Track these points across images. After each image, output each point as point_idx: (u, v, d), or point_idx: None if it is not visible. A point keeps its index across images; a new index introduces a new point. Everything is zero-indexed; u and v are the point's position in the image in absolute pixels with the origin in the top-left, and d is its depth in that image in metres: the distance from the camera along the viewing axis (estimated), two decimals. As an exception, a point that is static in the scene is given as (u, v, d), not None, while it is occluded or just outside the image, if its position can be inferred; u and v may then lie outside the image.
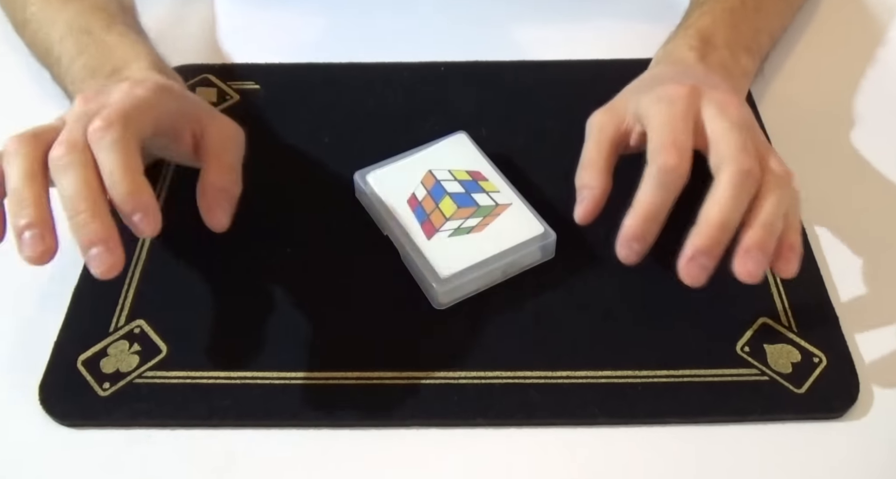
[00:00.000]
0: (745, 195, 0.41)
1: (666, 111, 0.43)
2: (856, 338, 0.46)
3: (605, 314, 0.47)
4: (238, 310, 0.47)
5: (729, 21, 0.54)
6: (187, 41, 0.53)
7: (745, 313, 0.47)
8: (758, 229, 0.41)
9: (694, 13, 0.56)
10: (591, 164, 0.46)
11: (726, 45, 0.52)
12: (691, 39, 0.52)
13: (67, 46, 0.52)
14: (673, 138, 0.42)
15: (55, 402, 0.43)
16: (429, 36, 0.65)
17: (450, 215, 0.48)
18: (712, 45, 0.51)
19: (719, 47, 0.51)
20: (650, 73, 0.52)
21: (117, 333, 0.46)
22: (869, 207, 0.53)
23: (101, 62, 0.51)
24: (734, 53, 0.52)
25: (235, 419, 0.43)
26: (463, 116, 0.57)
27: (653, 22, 0.66)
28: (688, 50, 0.51)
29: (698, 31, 0.53)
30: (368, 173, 0.51)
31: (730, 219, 0.40)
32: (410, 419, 0.43)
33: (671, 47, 0.53)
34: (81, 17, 0.53)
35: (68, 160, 0.40)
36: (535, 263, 0.49)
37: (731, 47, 0.52)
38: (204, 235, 0.51)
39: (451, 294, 0.47)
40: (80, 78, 0.51)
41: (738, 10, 0.55)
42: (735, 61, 0.52)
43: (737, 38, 0.53)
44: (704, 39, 0.52)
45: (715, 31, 0.53)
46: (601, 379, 0.44)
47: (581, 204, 0.45)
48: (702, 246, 0.40)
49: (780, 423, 0.43)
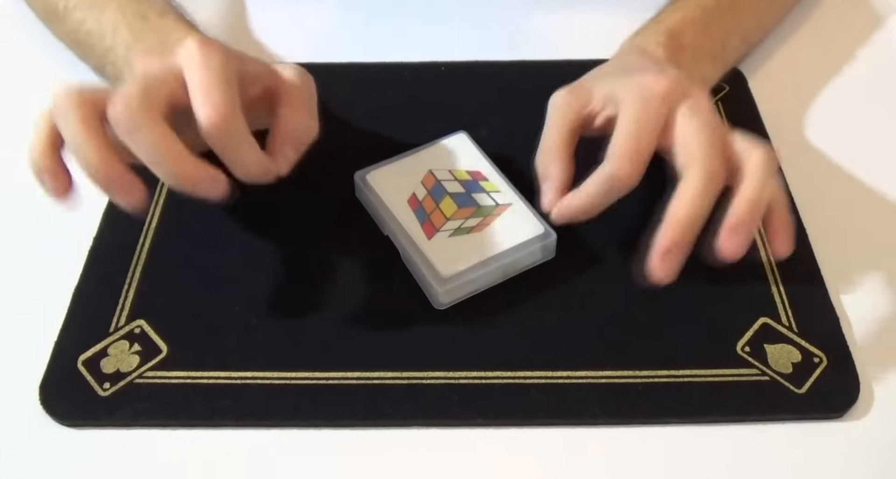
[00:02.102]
0: (710, 196, 0.42)
1: (642, 106, 0.44)
2: (856, 338, 0.46)
3: (605, 314, 0.47)
4: (238, 310, 0.47)
5: (700, 20, 0.53)
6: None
7: (745, 313, 0.47)
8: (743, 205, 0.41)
9: (668, 8, 0.55)
10: (551, 149, 0.46)
11: (692, 47, 0.52)
12: (659, 36, 0.51)
13: (122, 36, 0.51)
14: (636, 147, 0.43)
15: (55, 402, 0.43)
16: (429, 36, 0.65)
17: (450, 215, 0.48)
18: (679, 43, 0.51)
19: (686, 48, 0.51)
20: (620, 62, 0.51)
21: (117, 333, 0.46)
22: (869, 206, 0.53)
23: (161, 49, 0.49)
24: (697, 57, 0.52)
25: (235, 419, 0.43)
26: (463, 116, 0.57)
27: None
28: (655, 45, 0.51)
29: (667, 28, 0.52)
30: (368, 173, 0.51)
31: (696, 216, 0.41)
32: (410, 418, 0.43)
33: (639, 40, 0.52)
34: (134, 4, 0.52)
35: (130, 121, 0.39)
36: (536, 263, 0.49)
37: (696, 50, 0.52)
38: (204, 235, 0.51)
39: (451, 294, 0.47)
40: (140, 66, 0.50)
41: (711, 9, 0.54)
42: (696, 65, 0.51)
43: (703, 41, 0.53)
44: (672, 36, 0.51)
45: (684, 30, 0.52)
46: (601, 379, 0.44)
47: (545, 195, 0.46)
48: (669, 243, 0.41)
49: (780, 423, 0.43)
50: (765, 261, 0.49)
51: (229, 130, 0.40)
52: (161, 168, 0.39)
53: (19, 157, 0.56)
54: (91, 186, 0.40)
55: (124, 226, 0.51)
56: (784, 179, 0.53)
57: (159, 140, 0.39)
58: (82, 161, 0.39)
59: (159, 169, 0.40)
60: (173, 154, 0.39)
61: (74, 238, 0.50)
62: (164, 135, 0.39)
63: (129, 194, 0.40)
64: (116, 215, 0.51)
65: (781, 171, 0.46)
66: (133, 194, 0.40)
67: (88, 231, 0.51)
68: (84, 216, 0.51)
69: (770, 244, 0.44)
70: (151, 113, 0.39)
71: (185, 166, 0.39)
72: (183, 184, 0.40)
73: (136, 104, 0.39)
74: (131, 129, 0.39)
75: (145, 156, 0.39)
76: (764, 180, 0.42)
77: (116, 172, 0.39)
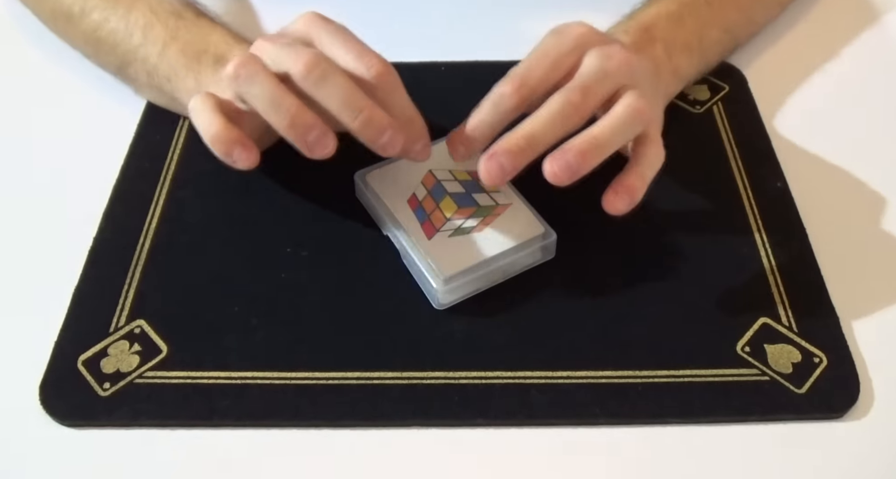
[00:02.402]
0: (559, 122, 0.43)
1: (547, 41, 0.45)
2: (856, 338, 0.46)
3: (605, 314, 0.47)
4: (238, 310, 0.47)
5: (675, 13, 0.53)
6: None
7: (745, 313, 0.47)
8: (582, 137, 0.43)
9: (642, 4, 0.55)
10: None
11: (663, 40, 0.51)
12: (629, 29, 0.51)
13: (157, 32, 0.51)
14: (524, 70, 0.44)
15: (55, 402, 0.43)
16: (429, 36, 0.65)
17: (450, 215, 0.48)
18: (650, 36, 0.51)
19: (656, 40, 0.51)
20: None
21: (117, 333, 0.46)
22: (869, 206, 0.53)
23: (203, 47, 0.50)
24: (669, 49, 0.51)
25: (235, 419, 0.43)
26: (463, 116, 0.57)
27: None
28: (623, 34, 0.51)
29: (639, 22, 0.52)
30: (368, 173, 0.51)
31: (537, 134, 0.43)
32: (410, 418, 0.43)
33: (610, 32, 0.52)
34: (166, 3, 0.53)
35: (321, 71, 0.42)
36: (536, 263, 0.49)
37: (668, 43, 0.52)
38: (204, 235, 0.51)
39: (451, 294, 0.47)
40: (179, 64, 0.51)
41: (687, 2, 0.54)
42: (667, 57, 0.51)
43: (677, 33, 0.53)
44: (643, 29, 0.51)
45: (656, 22, 0.52)
46: (602, 379, 0.44)
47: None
48: (505, 147, 0.43)
49: (780, 423, 0.43)
50: (765, 261, 0.49)
51: (391, 75, 0.44)
52: (350, 107, 0.42)
53: (19, 157, 0.56)
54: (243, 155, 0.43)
55: (124, 226, 0.51)
56: (784, 179, 0.53)
57: (344, 82, 0.42)
58: (282, 113, 0.42)
59: (347, 110, 0.42)
60: (359, 95, 0.42)
61: (74, 238, 0.50)
62: (345, 79, 0.42)
63: (326, 136, 0.42)
64: (117, 215, 0.52)
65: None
66: (328, 137, 0.42)
67: (88, 231, 0.51)
68: (84, 216, 0.51)
69: (604, 196, 0.44)
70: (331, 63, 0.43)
71: (364, 105, 0.42)
72: (365, 124, 0.42)
73: (321, 58, 0.42)
74: (324, 76, 0.42)
75: (337, 99, 0.42)
76: (615, 126, 0.43)
77: (311, 118, 0.42)
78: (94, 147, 0.56)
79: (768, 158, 0.55)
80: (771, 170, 0.54)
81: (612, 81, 0.44)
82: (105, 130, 0.57)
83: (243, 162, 0.43)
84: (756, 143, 0.56)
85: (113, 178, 0.54)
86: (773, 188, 0.53)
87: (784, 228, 0.51)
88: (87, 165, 0.55)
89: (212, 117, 0.44)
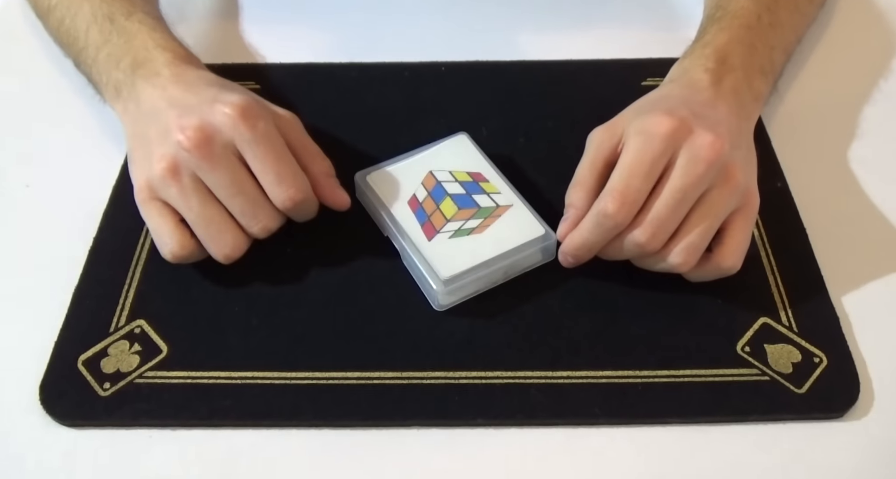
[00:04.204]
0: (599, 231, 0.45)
1: (640, 148, 0.44)
2: (856, 338, 0.46)
3: (605, 315, 0.47)
4: (238, 310, 0.47)
5: (746, 39, 0.53)
6: (187, 41, 0.53)
7: (745, 313, 0.47)
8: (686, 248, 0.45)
9: (711, 29, 0.54)
10: (582, 182, 0.47)
11: (742, 67, 0.51)
12: (708, 60, 0.51)
13: (93, 35, 0.52)
14: (626, 185, 0.44)
15: (55, 402, 0.43)
16: (429, 36, 0.65)
17: (451, 217, 0.48)
18: (728, 66, 0.51)
19: (735, 69, 0.51)
20: (659, 93, 0.51)
21: (118, 333, 0.46)
22: (869, 207, 0.53)
23: (123, 52, 0.51)
24: (748, 76, 0.51)
25: (235, 419, 0.43)
26: (463, 116, 0.57)
27: (652, 23, 0.66)
28: (703, 72, 0.50)
29: (715, 50, 0.51)
30: (369, 174, 0.51)
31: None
32: (410, 418, 0.43)
33: (687, 65, 0.52)
34: (105, 5, 0.53)
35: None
36: (536, 264, 0.49)
37: (747, 69, 0.51)
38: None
39: (451, 295, 0.47)
40: (105, 69, 0.51)
41: (754, 27, 0.54)
42: (748, 85, 0.51)
43: (752, 58, 0.53)
44: (721, 60, 0.51)
45: (732, 51, 0.52)
46: (601, 379, 0.44)
47: (564, 223, 0.47)
48: (566, 252, 0.47)
49: (780, 423, 0.43)
50: (765, 261, 0.49)
51: (305, 200, 0.47)
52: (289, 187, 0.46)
53: (19, 157, 0.56)
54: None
55: (124, 226, 0.51)
56: (784, 179, 0.53)
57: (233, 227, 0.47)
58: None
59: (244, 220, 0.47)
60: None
61: (74, 238, 0.50)
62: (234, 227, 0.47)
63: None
64: (117, 216, 0.52)
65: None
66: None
67: (88, 231, 0.51)
68: (84, 216, 0.51)
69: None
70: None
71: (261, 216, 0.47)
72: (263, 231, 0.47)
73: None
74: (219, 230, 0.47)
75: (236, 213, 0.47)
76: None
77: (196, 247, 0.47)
78: (95, 147, 0.56)
79: (768, 158, 0.55)
80: (771, 170, 0.54)
81: (706, 180, 0.44)
82: (105, 130, 0.57)
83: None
84: (756, 143, 0.56)
85: (113, 178, 0.54)
86: (773, 188, 0.53)
87: (784, 228, 0.51)
88: (87, 165, 0.55)
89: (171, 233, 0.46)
